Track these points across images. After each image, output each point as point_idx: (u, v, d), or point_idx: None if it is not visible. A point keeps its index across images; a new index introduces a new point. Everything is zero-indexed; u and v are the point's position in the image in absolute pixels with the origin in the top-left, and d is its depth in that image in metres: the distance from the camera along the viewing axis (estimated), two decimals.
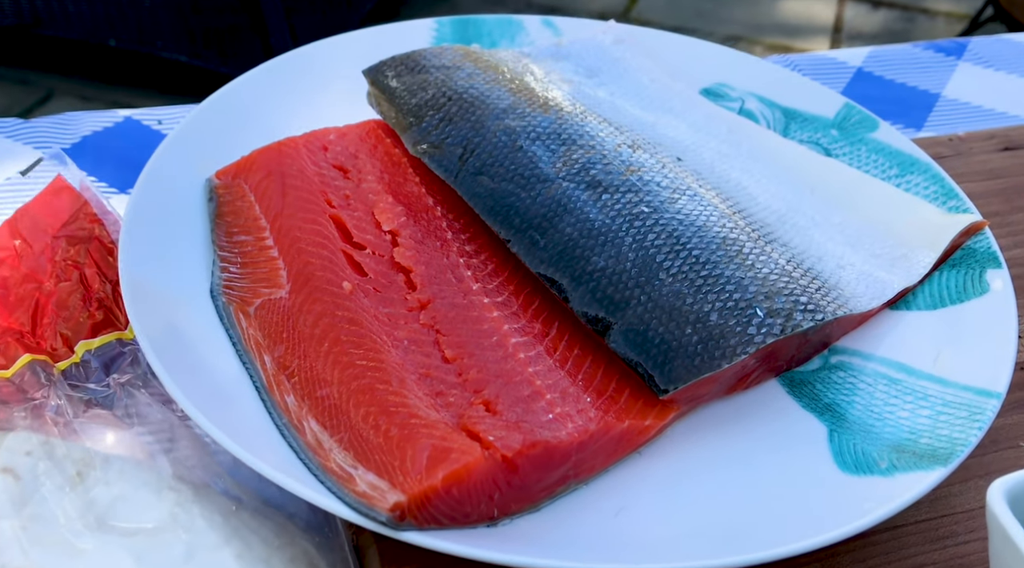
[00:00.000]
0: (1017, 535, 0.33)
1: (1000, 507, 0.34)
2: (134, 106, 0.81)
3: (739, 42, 2.68)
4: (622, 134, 0.57)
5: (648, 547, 0.39)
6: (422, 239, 0.50)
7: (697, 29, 2.70)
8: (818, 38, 2.70)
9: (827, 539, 0.39)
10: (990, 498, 0.34)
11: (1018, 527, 0.33)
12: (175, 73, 2.04)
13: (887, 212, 0.58)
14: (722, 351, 0.44)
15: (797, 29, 2.73)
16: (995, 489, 0.34)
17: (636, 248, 0.48)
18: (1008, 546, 0.33)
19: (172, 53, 1.99)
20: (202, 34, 1.95)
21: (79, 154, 0.75)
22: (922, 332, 0.51)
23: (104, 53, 2.07)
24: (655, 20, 2.78)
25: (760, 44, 2.66)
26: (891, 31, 2.89)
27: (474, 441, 0.39)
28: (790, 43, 2.66)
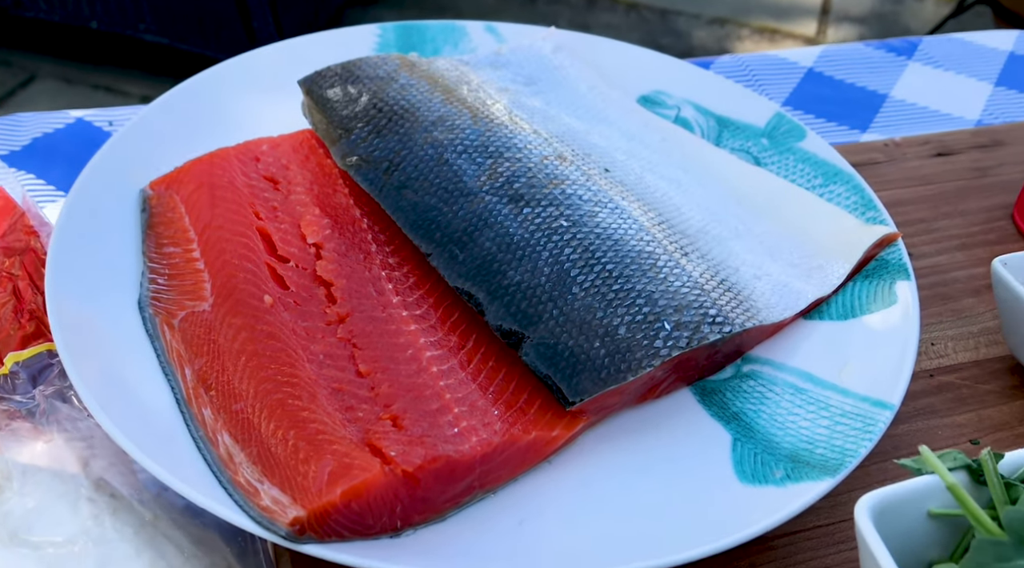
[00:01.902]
0: (876, 547, 0.35)
1: (864, 521, 0.36)
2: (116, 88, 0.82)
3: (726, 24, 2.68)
4: (551, 145, 0.58)
5: (545, 556, 0.41)
6: (346, 252, 0.52)
7: (683, 11, 2.69)
8: (805, 20, 2.69)
9: (717, 547, 0.41)
10: (857, 513, 0.36)
11: (877, 539, 0.35)
12: (158, 55, 2.04)
13: (808, 222, 0.59)
14: (628, 364, 0.46)
15: (785, 11, 2.73)
16: (861, 505, 0.36)
17: (552, 262, 0.50)
18: (869, 557, 0.35)
19: (154, 36, 1.99)
20: (183, 17, 1.94)
21: (29, 156, 0.76)
22: (831, 342, 0.53)
23: (87, 35, 2.06)
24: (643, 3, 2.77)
25: (747, 26, 2.65)
26: (879, 14, 2.88)
27: (376, 457, 0.40)
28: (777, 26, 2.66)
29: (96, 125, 0.79)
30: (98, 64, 2.09)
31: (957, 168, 0.73)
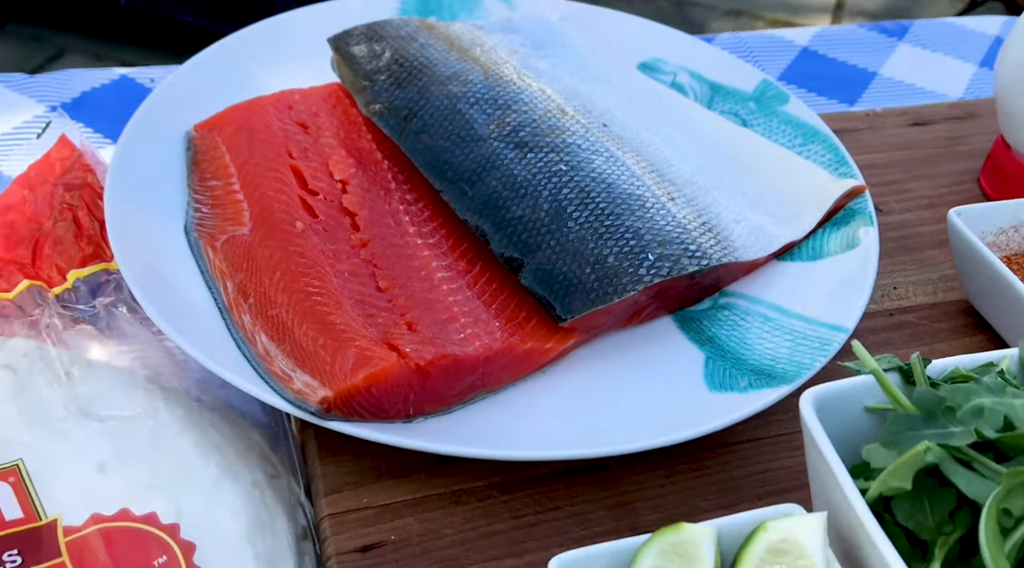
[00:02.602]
0: (818, 434, 0.41)
1: (807, 411, 0.42)
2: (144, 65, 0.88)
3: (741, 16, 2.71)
4: (554, 102, 0.65)
5: (539, 440, 0.48)
6: (368, 188, 0.58)
7: (699, 2, 2.73)
8: (820, 15, 2.73)
9: (684, 436, 0.47)
10: (801, 404, 0.42)
11: (819, 427, 0.41)
12: (183, 34, 2.10)
13: (786, 176, 0.65)
14: (615, 288, 0.52)
15: (799, 5, 2.76)
16: (805, 397, 0.42)
17: (551, 200, 0.56)
18: (811, 444, 0.41)
19: (180, 14, 2.04)
20: None
21: (78, 108, 0.83)
22: (800, 280, 0.59)
23: (115, 13, 2.12)
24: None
25: (762, 19, 2.69)
26: (892, 9, 2.91)
27: (393, 351, 0.47)
28: (791, 19, 2.69)
29: (139, 82, 0.85)
30: (125, 43, 2.16)
31: (931, 137, 0.79)
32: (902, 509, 0.39)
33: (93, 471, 0.44)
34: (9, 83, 0.84)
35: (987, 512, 0.35)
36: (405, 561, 0.46)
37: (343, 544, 0.46)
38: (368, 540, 0.46)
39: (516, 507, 0.48)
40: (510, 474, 0.50)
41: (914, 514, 0.38)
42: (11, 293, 0.55)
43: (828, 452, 0.40)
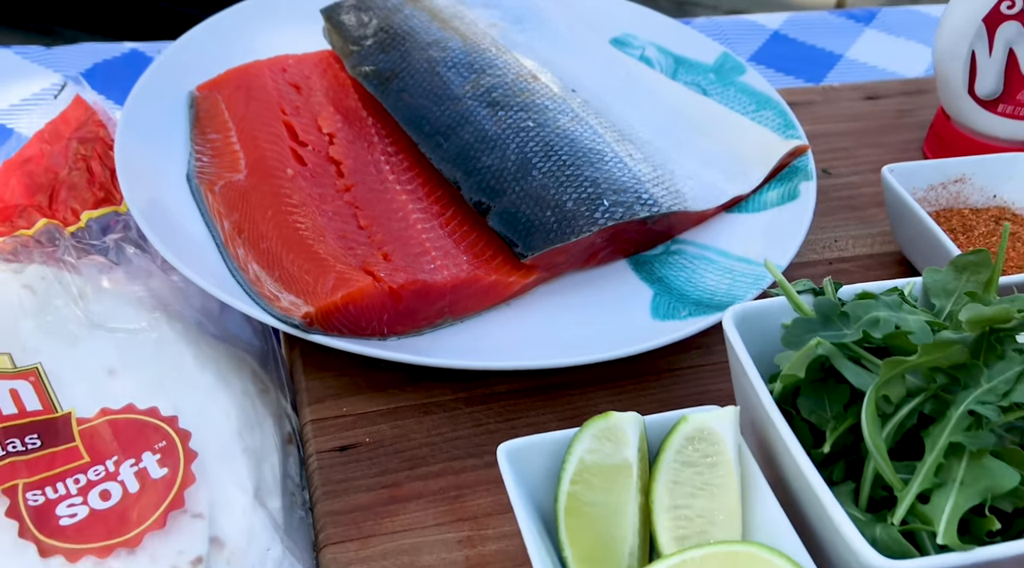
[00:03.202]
0: (738, 346, 0.47)
1: (729, 326, 0.47)
2: None
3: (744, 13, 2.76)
4: (527, 68, 0.70)
5: (500, 353, 0.53)
6: (353, 140, 0.64)
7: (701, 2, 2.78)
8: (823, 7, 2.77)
9: (625, 352, 0.53)
10: (724, 320, 0.48)
11: (739, 340, 0.47)
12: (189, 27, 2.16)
13: (738, 138, 0.71)
14: (572, 228, 0.58)
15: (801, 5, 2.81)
16: (727, 314, 0.48)
17: (517, 152, 0.62)
18: (733, 355, 0.47)
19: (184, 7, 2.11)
20: None
21: (90, 77, 0.89)
22: (745, 229, 0.65)
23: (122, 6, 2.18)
24: None
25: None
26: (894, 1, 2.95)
27: (370, 276, 0.53)
28: None
29: (148, 55, 0.92)
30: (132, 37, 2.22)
31: (883, 110, 0.84)
32: (805, 405, 0.44)
33: (103, 374, 0.50)
34: (27, 55, 0.91)
35: (868, 398, 0.41)
36: (377, 459, 0.52)
37: (323, 444, 0.52)
38: (345, 441, 0.52)
39: (479, 417, 0.54)
40: (475, 391, 0.56)
41: (815, 409, 0.44)
42: (31, 230, 0.61)
43: (743, 355, 0.46)
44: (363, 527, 0.48)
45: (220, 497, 0.46)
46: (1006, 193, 0.68)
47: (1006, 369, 0.40)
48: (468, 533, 0.48)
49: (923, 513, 0.39)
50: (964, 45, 0.69)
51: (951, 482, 0.39)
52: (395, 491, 0.50)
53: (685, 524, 0.44)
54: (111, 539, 0.42)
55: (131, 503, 0.44)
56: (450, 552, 0.48)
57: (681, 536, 0.43)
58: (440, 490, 0.50)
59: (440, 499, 0.50)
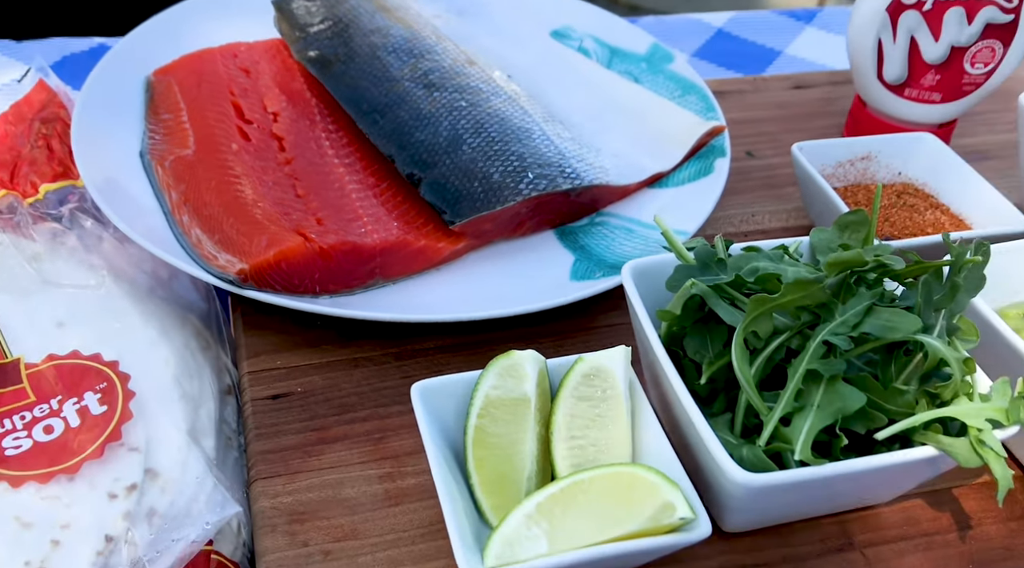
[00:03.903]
0: (633, 296, 0.51)
1: (626, 277, 0.52)
2: None
3: None
4: (465, 54, 0.75)
5: (426, 310, 0.57)
6: (296, 118, 0.68)
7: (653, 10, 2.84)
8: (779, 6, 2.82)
9: (540, 306, 0.57)
10: (623, 272, 0.52)
11: (635, 290, 0.51)
12: None
13: (663, 121, 0.76)
14: (497, 198, 0.63)
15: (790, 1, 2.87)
16: (625, 267, 0.52)
17: (449, 129, 0.66)
18: (631, 306, 0.51)
19: None
20: None
21: (59, 69, 0.93)
22: (664, 201, 0.69)
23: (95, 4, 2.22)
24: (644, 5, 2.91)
25: None
26: None
27: (302, 236, 0.57)
28: None
29: None
30: None
31: (809, 98, 0.89)
32: (691, 344, 0.49)
33: (52, 326, 0.54)
34: None
35: (737, 334, 0.45)
36: (308, 407, 0.56)
37: (258, 393, 0.56)
38: (278, 391, 0.56)
39: (407, 371, 0.58)
40: (404, 347, 0.60)
41: (699, 348, 0.48)
42: None
43: (636, 302, 0.50)
44: (291, 464, 0.52)
45: (156, 434, 0.49)
46: (910, 170, 0.72)
47: (857, 304, 0.44)
48: (388, 470, 0.52)
49: (784, 434, 0.43)
50: (871, 34, 0.74)
51: (809, 406, 0.43)
52: (323, 434, 0.54)
53: (579, 452, 0.48)
54: (52, 466, 0.46)
55: (72, 436, 0.47)
56: (371, 486, 0.51)
57: (576, 463, 0.47)
58: (365, 433, 0.54)
59: (365, 441, 0.54)
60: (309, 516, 0.50)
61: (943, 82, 0.74)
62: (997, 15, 0.70)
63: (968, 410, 0.43)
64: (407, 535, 0.49)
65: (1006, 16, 0.70)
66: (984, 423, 0.42)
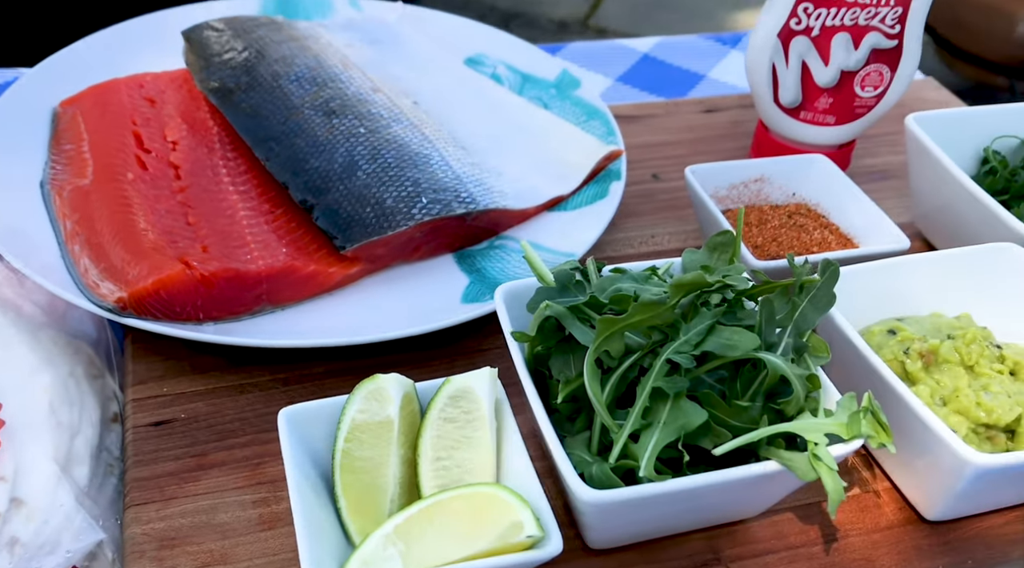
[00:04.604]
0: (502, 313, 0.52)
1: (498, 298, 0.53)
2: None
3: None
4: (371, 82, 0.76)
5: (311, 334, 0.58)
6: (195, 147, 0.69)
7: None
8: None
9: (425, 328, 0.58)
10: (496, 296, 0.53)
11: (504, 308, 0.52)
12: None
13: (566, 146, 0.77)
14: (389, 223, 0.64)
15: None
16: (498, 291, 0.53)
17: (345, 155, 0.67)
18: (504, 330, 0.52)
19: None
20: None
21: None
22: (560, 224, 0.71)
23: None
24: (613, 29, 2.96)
25: None
26: None
27: (183, 264, 0.57)
28: None
29: None
30: None
31: (719, 121, 0.91)
32: (554, 365, 0.50)
33: None
34: None
35: (588, 354, 0.46)
36: (190, 433, 0.56)
37: (140, 420, 0.56)
38: (161, 417, 0.57)
39: (293, 396, 0.59)
40: (293, 372, 0.60)
41: (563, 368, 0.49)
42: None
43: (504, 323, 0.51)
44: (166, 490, 0.52)
45: (25, 462, 0.50)
46: (804, 191, 0.74)
47: (699, 324, 0.45)
48: (264, 495, 0.53)
49: (633, 451, 0.44)
50: (766, 59, 0.76)
51: (656, 423, 0.44)
52: (201, 460, 0.54)
53: (445, 473, 0.48)
54: None
55: None
56: (245, 511, 0.52)
57: (442, 484, 0.48)
58: (244, 458, 0.55)
59: (243, 466, 0.54)
60: (180, 541, 0.50)
61: (836, 105, 0.76)
62: (881, 40, 0.73)
63: (808, 425, 0.44)
64: (278, 559, 0.50)
65: (889, 42, 0.73)
66: (822, 438, 0.43)
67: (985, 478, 0.47)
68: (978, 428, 0.51)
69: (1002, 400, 0.51)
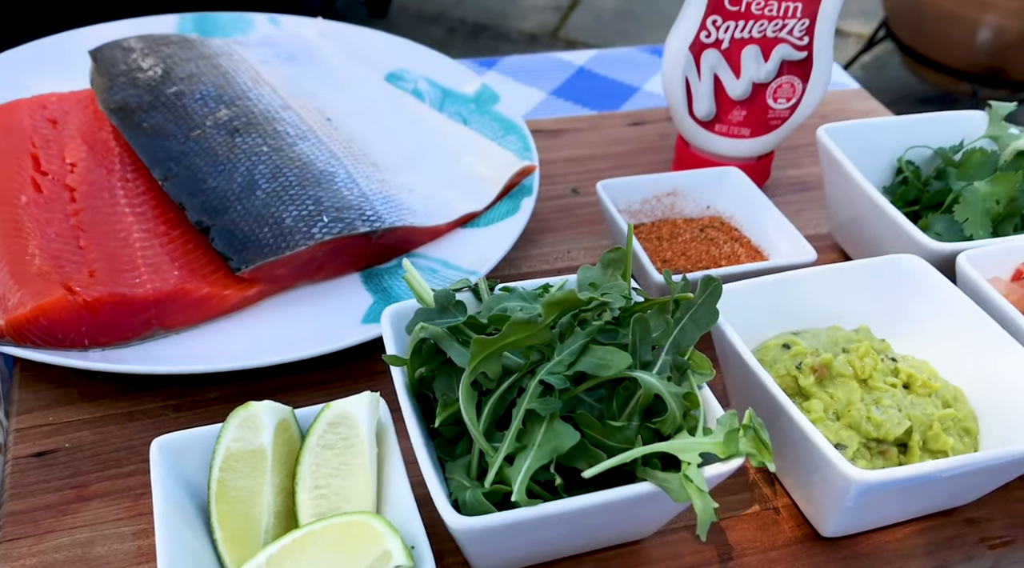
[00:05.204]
0: (387, 336, 0.51)
1: (384, 321, 0.52)
2: None
3: None
4: (281, 100, 0.75)
5: (202, 360, 0.57)
6: (93, 168, 0.68)
7: None
8: None
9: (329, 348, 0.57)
10: (382, 318, 0.52)
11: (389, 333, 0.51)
12: None
13: (482, 161, 0.76)
14: (287, 243, 0.62)
15: None
16: (385, 313, 0.52)
17: (245, 174, 0.66)
18: None
19: None
20: None
21: None
22: (471, 241, 0.70)
23: None
24: (583, 41, 2.97)
25: None
26: None
27: (66, 290, 0.56)
28: None
29: None
30: None
31: (645, 135, 0.91)
32: (438, 387, 0.48)
33: None
34: None
35: (465, 375, 0.45)
36: (72, 463, 0.54)
37: (21, 451, 0.54)
38: (44, 448, 0.55)
39: (183, 423, 0.57)
40: (186, 398, 0.59)
41: (446, 391, 0.48)
42: None
43: (389, 347, 0.50)
44: (42, 524, 0.51)
45: None
46: (718, 203, 0.74)
47: (573, 343, 0.44)
48: (144, 526, 0.51)
49: (507, 475, 0.43)
50: (679, 73, 0.76)
51: (531, 446, 0.43)
52: (82, 491, 0.53)
53: (323, 502, 0.47)
54: None
55: None
56: (123, 543, 0.50)
57: (319, 512, 0.47)
58: (127, 489, 0.53)
59: (126, 497, 0.53)
60: None
61: (750, 117, 0.76)
62: (791, 52, 0.73)
63: (682, 445, 0.43)
64: None
65: (799, 53, 0.73)
66: (696, 457, 0.43)
67: (869, 494, 0.46)
68: (869, 443, 0.50)
69: (892, 414, 0.50)
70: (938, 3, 2.18)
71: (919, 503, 0.52)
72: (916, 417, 0.51)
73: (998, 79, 2.23)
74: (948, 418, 0.51)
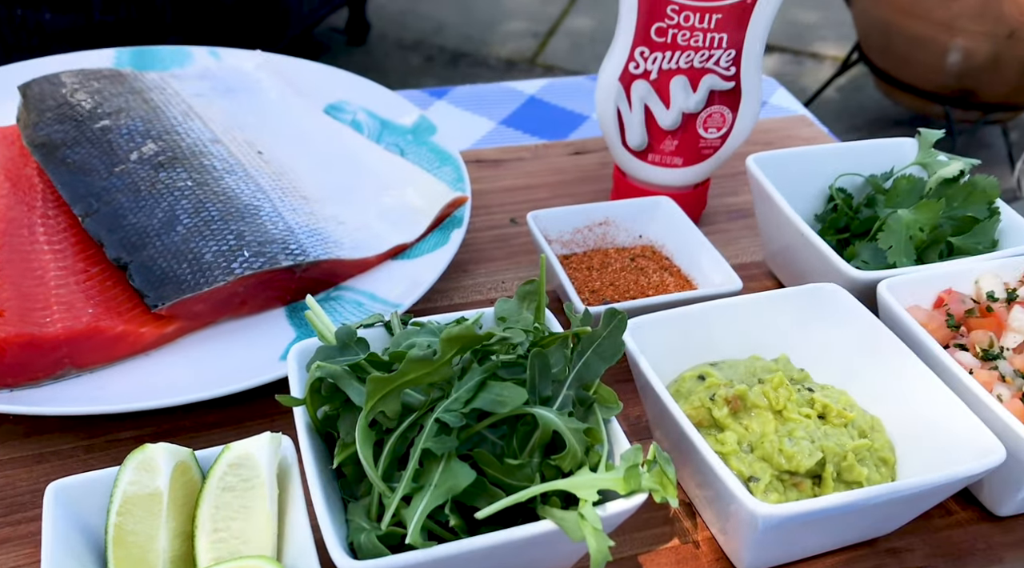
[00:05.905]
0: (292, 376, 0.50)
1: (291, 363, 0.51)
2: None
3: None
4: (211, 134, 0.75)
5: (115, 399, 0.55)
6: (14, 205, 0.67)
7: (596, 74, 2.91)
8: None
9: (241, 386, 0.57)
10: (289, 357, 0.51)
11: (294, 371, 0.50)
12: None
13: (416, 192, 0.76)
14: (206, 279, 0.61)
15: None
16: (292, 351, 0.51)
17: (167, 210, 0.65)
18: None
19: None
20: None
21: None
22: (400, 273, 0.69)
23: None
24: (560, 66, 2.99)
25: None
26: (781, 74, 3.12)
27: None
28: None
29: None
30: None
31: (586, 164, 0.91)
32: (342, 427, 0.47)
33: None
34: None
35: (362, 415, 0.44)
36: None
37: None
38: None
39: (93, 464, 0.56)
40: (98, 439, 0.58)
41: (349, 430, 0.47)
42: None
43: (294, 387, 0.49)
44: None
45: None
46: (650, 233, 0.74)
47: (470, 380, 0.44)
48: None
49: (404, 517, 0.42)
50: (611, 103, 0.76)
51: (428, 486, 0.42)
52: None
53: (222, 545, 0.46)
54: None
55: None
56: None
57: (218, 556, 0.46)
58: (30, 534, 0.52)
59: (28, 543, 0.51)
60: None
61: (681, 147, 0.76)
62: (719, 82, 0.73)
63: (581, 481, 0.42)
64: None
65: (727, 83, 0.73)
66: (594, 494, 0.42)
67: (777, 528, 0.45)
68: (783, 475, 0.50)
69: (803, 446, 0.50)
70: (907, 26, 2.20)
71: (836, 535, 0.51)
72: (830, 448, 0.50)
73: (968, 101, 2.26)
74: (863, 448, 0.51)
